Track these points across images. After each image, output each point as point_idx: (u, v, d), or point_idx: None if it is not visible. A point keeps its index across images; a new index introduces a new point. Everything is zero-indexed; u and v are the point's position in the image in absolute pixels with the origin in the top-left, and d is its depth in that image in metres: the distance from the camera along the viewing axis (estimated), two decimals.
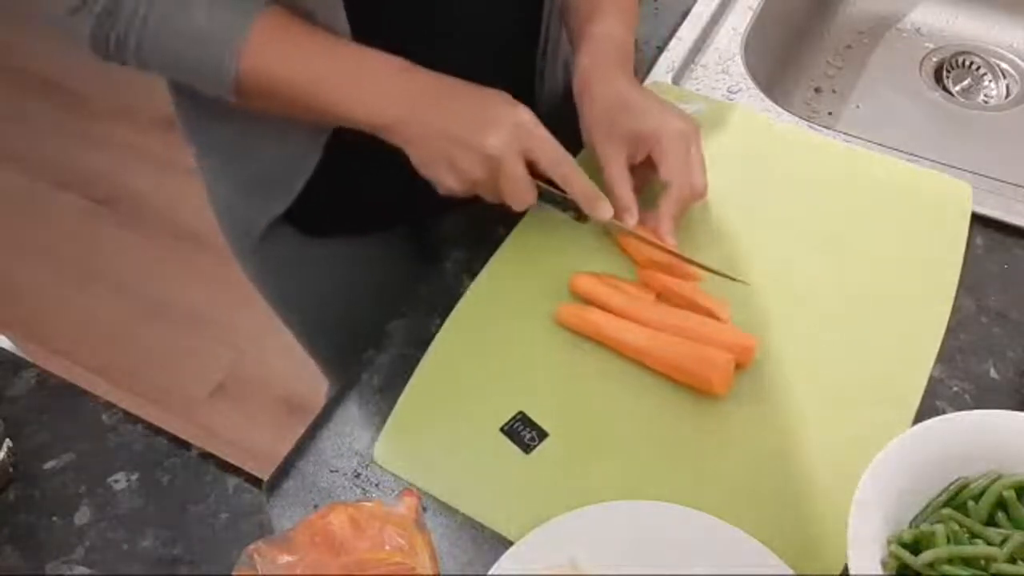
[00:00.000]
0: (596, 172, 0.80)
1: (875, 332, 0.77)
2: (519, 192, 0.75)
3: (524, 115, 0.74)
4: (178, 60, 0.75)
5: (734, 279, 0.79)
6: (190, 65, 0.75)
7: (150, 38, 0.74)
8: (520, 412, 0.73)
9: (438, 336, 0.78)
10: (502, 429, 0.72)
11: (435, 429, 0.73)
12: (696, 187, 0.80)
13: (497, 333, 0.79)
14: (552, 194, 0.78)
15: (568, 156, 0.76)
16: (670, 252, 0.79)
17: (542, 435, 0.72)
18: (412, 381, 0.76)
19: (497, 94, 0.76)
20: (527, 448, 0.71)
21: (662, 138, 0.79)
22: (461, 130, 0.73)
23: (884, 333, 0.77)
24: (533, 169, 0.75)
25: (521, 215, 0.85)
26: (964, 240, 0.82)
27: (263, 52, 0.74)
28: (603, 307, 0.78)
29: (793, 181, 0.88)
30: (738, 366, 0.74)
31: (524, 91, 0.91)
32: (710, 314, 0.76)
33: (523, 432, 0.72)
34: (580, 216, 0.80)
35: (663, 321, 0.76)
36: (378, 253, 1.03)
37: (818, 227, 0.84)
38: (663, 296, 0.79)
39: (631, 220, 0.79)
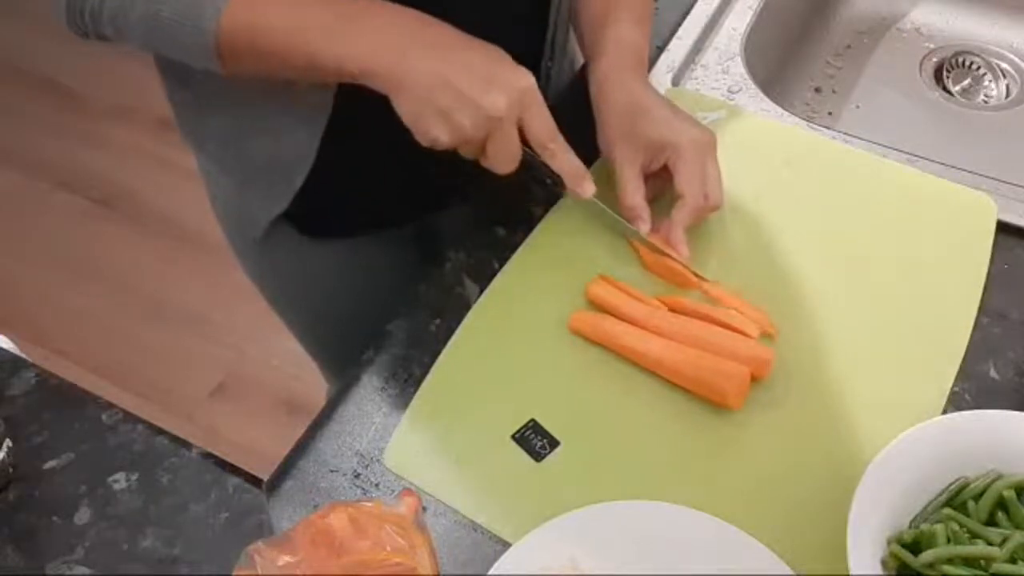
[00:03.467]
0: (611, 178, 0.80)
1: (894, 346, 0.76)
2: (507, 157, 0.74)
3: (528, 80, 0.72)
4: (155, 25, 0.72)
5: (736, 297, 0.78)
6: (167, 29, 0.72)
7: (124, 4, 0.72)
8: (532, 420, 0.73)
9: (451, 341, 0.78)
10: (513, 436, 0.72)
11: (446, 435, 0.73)
12: (711, 198, 0.79)
13: (510, 339, 0.78)
14: (534, 160, 0.77)
15: (556, 130, 0.75)
16: (681, 264, 0.79)
17: (553, 443, 0.72)
18: (424, 385, 0.76)
19: (500, 52, 0.73)
20: (538, 456, 0.71)
21: (679, 148, 0.78)
22: (465, 84, 0.69)
23: (904, 347, 0.76)
24: (521, 135, 0.74)
25: (523, 217, 0.86)
26: (988, 257, 0.81)
27: (245, 6, 0.71)
28: (618, 315, 0.77)
29: (814, 191, 0.88)
30: (754, 377, 0.73)
31: None
32: (726, 326, 0.76)
33: (534, 440, 0.72)
34: (558, 187, 0.79)
35: (679, 331, 0.75)
36: (378, 254, 1.03)
37: (838, 238, 0.84)
38: (680, 305, 0.79)
39: (644, 227, 0.79)
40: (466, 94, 0.69)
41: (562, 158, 0.76)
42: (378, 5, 0.73)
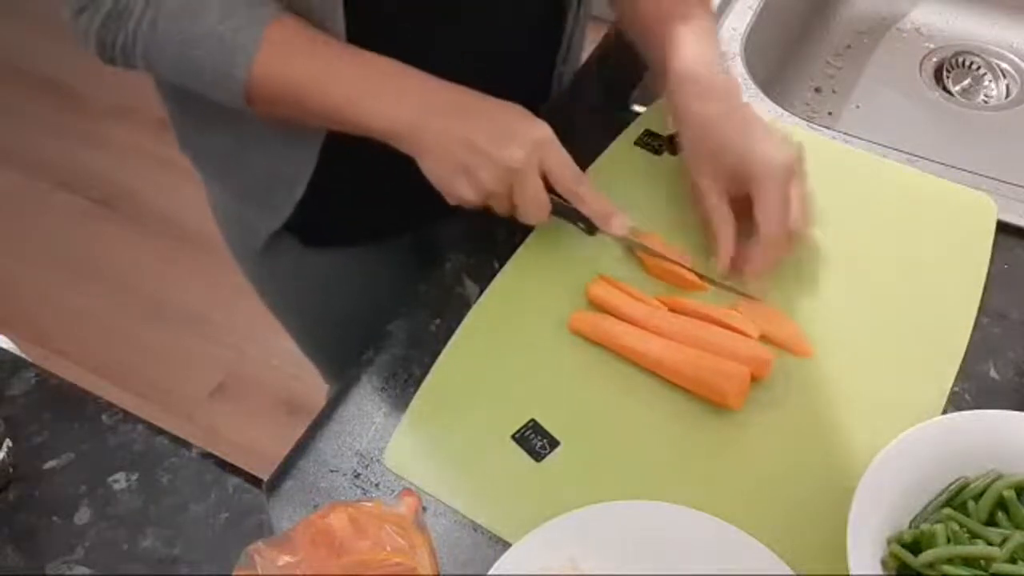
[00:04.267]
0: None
1: (894, 346, 0.76)
2: (534, 208, 0.75)
3: (544, 131, 0.74)
4: (187, 65, 0.74)
5: (747, 295, 0.78)
6: (199, 70, 0.74)
7: (158, 42, 0.73)
8: (532, 420, 0.73)
9: (451, 341, 0.78)
10: (513, 436, 0.72)
11: (446, 435, 0.73)
12: (790, 228, 0.76)
13: (510, 339, 0.78)
14: (563, 207, 0.78)
15: (581, 174, 0.76)
16: (683, 266, 0.79)
17: (553, 443, 0.72)
18: (424, 385, 0.76)
19: (517, 108, 0.75)
20: (538, 456, 0.71)
21: (758, 176, 0.75)
22: (482, 142, 0.72)
23: (904, 347, 0.76)
24: (545, 182, 0.75)
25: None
26: (988, 257, 0.81)
27: (276, 59, 0.72)
28: (618, 315, 0.77)
29: (814, 191, 0.86)
30: (754, 377, 0.73)
31: (539, 93, 0.91)
32: (726, 326, 0.76)
33: (534, 440, 0.72)
34: (590, 229, 0.80)
35: (679, 331, 0.75)
36: (378, 262, 1.03)
37: (838, 238, 0.83)
38: (680, 305, 0.78)
39: (723, 263, 0.77)
40: (484, 150, 0.72)
41: (589, 200, 0.77)
42: (399, 68, 0.74)
